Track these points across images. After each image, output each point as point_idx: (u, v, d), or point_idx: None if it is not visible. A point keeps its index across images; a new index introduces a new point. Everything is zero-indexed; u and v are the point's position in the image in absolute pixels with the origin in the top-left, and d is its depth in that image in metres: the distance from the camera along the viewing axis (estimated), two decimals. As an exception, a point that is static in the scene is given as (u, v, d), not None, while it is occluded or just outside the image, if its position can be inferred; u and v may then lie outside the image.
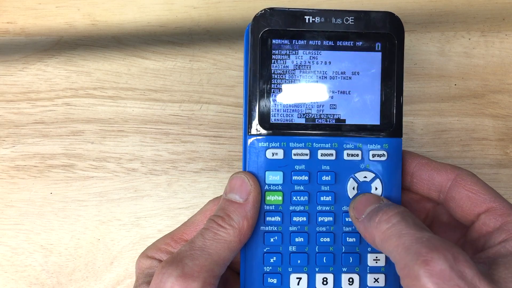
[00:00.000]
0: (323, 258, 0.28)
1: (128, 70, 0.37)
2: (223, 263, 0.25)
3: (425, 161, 0.28)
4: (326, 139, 0.28)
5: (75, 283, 0.35)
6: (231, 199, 0.27)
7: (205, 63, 0.37)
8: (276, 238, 0.27)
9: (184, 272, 0.24)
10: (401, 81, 0.28)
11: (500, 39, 0.38)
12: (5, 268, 0.35)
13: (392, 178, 0.28)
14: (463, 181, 0.27)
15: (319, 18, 0.28)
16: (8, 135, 0.36)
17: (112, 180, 0.36)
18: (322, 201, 0.28)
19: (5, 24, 0.38)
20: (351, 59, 0.28)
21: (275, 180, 0.27)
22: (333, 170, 0.28)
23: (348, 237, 0.28)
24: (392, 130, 0.28)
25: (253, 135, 0.28)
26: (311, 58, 0.28)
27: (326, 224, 0.28)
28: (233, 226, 0.26)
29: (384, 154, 0.28)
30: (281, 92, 0.28)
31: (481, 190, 0.27)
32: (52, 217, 0.36)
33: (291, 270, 0.28)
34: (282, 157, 0.27)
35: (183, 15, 0.38)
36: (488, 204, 0.26)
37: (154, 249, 0.28)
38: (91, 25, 0.38)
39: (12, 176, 0.36)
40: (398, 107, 0.28)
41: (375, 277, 0.28)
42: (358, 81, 0.28)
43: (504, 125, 0.37)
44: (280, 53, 0.28)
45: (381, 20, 0.28)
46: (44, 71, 0.37)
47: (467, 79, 0.37)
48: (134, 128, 0.37)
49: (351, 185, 0.28)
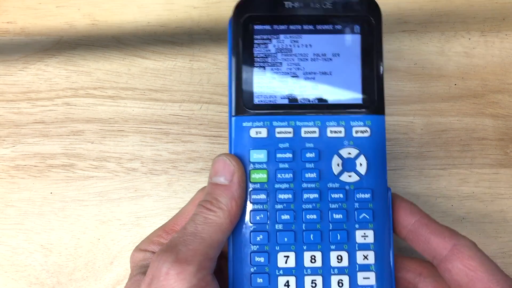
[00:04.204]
0: (310, 236, 0.27)
1: (128, 70, 0.37)
2: (216, 245, 0.26)
3: (425, 221, 0.28)
4: (309, 117, 0.28)
5: (75, 283, 0.35)
6: (216, 183, 0.27)
7: (205, 63, 0.37)
8: (262, 216, 0.28)
9: (179, 258, 0.24)
10: (380, 60, 0.28)
11: (500, 39, 0.38)
12: (5, 267, 0.35)
13: (376, 154, 0.28)
14: (460, 253, 0.26)
15: (298, 3, 0.29)
16: (8, 135, 0.36)
17: (112, 180, 0.36)
18: (307, 178, 0.28)
19: (5, 24, 0.38)
20: (331, 42, 0.29)
21: (259, 159, 0.28)
22: (317, 147, 0.28)
23: (335, 213, 0.28)
24: (374, 107, 0.28)
25: (238, 115, 0.28)
26: (292, 41, 0.29)
27: (312, 201, 0.28)
28: (222, 209, 0.26)
29: (367, 131, 0.28)
30: (264, 74, 0.28)
31: (479, 266, 0.26)
32: (52, 217, 0.36)
33: (278, 248, 0.27)
34: (266, 135, 0.28)
35: (183, 15, 0.38)
36: (486, 284, 0.25)
37: (147, 242, 0.29)
38: (91, 25, 0.38)
39: (12, 176, 0.36)
40: (379, 85, 0.28)
41: (364, 254, 0.28)
42: (339, 62, 0.29)
43: (504, 125, 0.37)
44: (262, 38, 0.29)
45: (358, 3, 0.29)
46: (44, 71, 0.37)
47: (467, 79, 0.37)
48: (134, 128, 0.37)
49: (335, 161, 0.28)
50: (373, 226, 0.28)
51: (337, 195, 0.28)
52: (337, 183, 0.28)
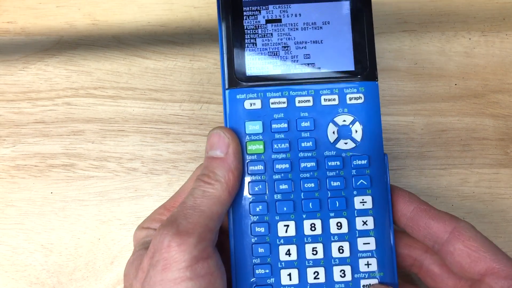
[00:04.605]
0: (309, 204, 0.28)
1: (129, 70, 0.37)
2: (216, 217, 0.26)
3: (424, 207, 0.28)
4: (303, 87, 0.28)
5: (76, 283, 0.35)
6: (212, 156, 0.27)
7: (205, 63, 0.37)
8: (260, 187, 0.28)
9: (179, 230, 0.24)
10: (371, 26, 0.29)
11: (500, 39, 0.38)
12: (6, 267, 0.35)
13: (371, 120, 0.28)
14: (461, 235, 0.27)
15: None
16: (9, 134, 0.36)
17: (112, 180, 0.36)
18: (304, 147, 0.28)
19: (5, 23, 0.38)
20: (320, 10, 0.29)
21: (255, 130, 0.28)
22: (312, 116, 0.28)
23: (333, 181, 0.28)
24: (366, 73, 0.28)
25: (231, 88, 0.28)
26: (281, 12, 0.29)
27: (309, 170, 0.28)
28: (220, 181, 0.26)
29: (361, 97, 0.28)
30: (255, 46, 0.29)
31: (480, 246, 0.26)
32: (53, 217, 0.36)
33: (278, 218, 0.28)
34: (260, 107, 0.28)
35: (183, 15, 0.38)
36: (489, 263, 0.26)
37: (149, 220, 0.29)
38: (91, 24, 0.38)
39: (12, 176, 0.36)
40: (370, 51, 0.28)
41: (363, 219, 0.28)
42: (330, 30, 0.29)
43: (504, 124, 0.37)
44: (251, 9, 0.29)
45: None
46: (45, 71, 0.37)
47: (467, 79, 0.37)
48: (135, 127, 0.37)
49: (331, 129, 0.28)
50: (371, 192, 0.28)
51: (334, 162, 0.28)
52: (333, 151, 0.28)
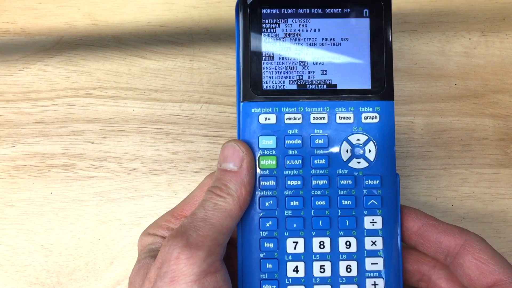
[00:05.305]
0: (319, 222, 0.28)
1: (129, 70, 0.37)
2: (226, 231, 0.26)
3: (432, 222, 0.28)
4: (318, 103, 0.28)
5: (76, 283, 0.35)
6: (225, 169, 0.27)
7: (205, 63, 0.37)
8: (271, 202, 0.28)
9: (189, 242, 0.24)
10: (390, 45, 0.28)
11: (500, 39, 0.38)
12: (5, 267, 0.35)
13: (385, 140, 0.28)
14: (471, 248, 0.27)
15: None
16: (9, 134, 0.36)
17: (112, 180, 0.36)
18: (316, 165, 0.28)
19: (5, 24, 0.38)
20: (340, 26, 0.28)
21: (268, 145, 0.28)
22: (326, 133, 0.28)
23: (344, 199, 0.28)
24: (383, 93, 0.28)
25: (246, 101, 0.28)
26: (300, 26, 0.28)
27: (321, 187, 0.28)
28: (232, 195, 0.26)
29: (376, 117, 0.28)
30: (272, 59, 0.28)
31: (490, 259, 0.26)
32: (53, 217, 0.36)
33: (288, 234, 0.28)
34: (275, 121, 0.28)
35: (183, 15, 0.38)
36: (497, 276, 0.26)
37: (155, 226, 0.29)
38: (91, 25, 0.38)
39: (12, 176, 0.36)
40: (388, 70, 0.28)
41: (372, 240, 0.28)
42: (348, 46, 0.28)
43: (504, 125, 0.37)
44: (270, 22, 0.28)
45: None
46: (45, 71, 0.37)
47: (467, 79, 0.37)
48: (135, 128, 0.37)
49: (344, 147, 0.28)
50: (382, 212, 0.28)
51: (346, 181, 0.28)
52: (346, 169, 0.28)
